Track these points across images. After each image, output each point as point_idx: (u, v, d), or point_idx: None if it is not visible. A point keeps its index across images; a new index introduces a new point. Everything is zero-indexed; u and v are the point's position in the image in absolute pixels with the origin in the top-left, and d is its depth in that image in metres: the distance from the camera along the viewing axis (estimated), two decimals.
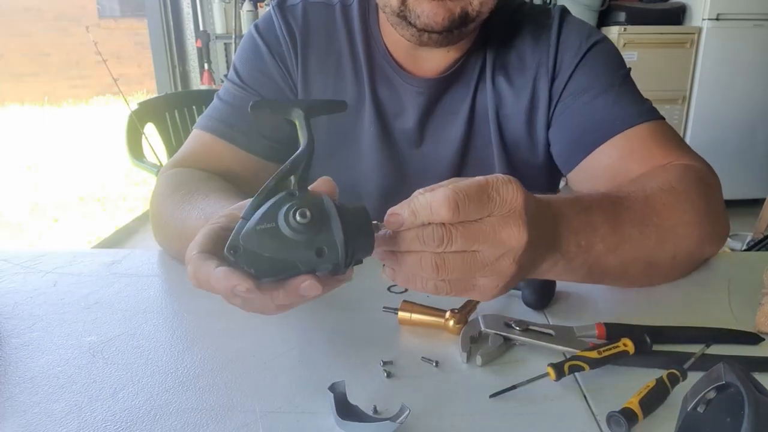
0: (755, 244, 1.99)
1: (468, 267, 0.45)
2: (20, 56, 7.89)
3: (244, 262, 0.42)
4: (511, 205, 0.45)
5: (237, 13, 3.41)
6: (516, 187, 0.45)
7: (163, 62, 3.58)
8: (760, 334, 0.56)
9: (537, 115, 0.83)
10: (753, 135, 3.34)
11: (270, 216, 0.42)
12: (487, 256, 0.45)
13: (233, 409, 0.46)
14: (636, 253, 0.59)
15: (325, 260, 0.42)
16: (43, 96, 7.60)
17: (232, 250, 0.42)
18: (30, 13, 7.97)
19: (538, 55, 0.82)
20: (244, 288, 0.41)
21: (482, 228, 0.45)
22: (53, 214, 3.83)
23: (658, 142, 0.75)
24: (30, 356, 0.54)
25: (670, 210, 0.62)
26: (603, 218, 0.56)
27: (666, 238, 0.61)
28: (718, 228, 0.68)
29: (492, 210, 0.45)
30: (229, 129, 0.82)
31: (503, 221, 0.45)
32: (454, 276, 0.46)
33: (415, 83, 0.82)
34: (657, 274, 0.65)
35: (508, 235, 0.45)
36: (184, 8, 3.58)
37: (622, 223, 0.58)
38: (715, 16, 3.11)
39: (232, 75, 0.86)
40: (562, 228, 0.52)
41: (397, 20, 0.74)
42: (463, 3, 0.72)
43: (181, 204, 0.69)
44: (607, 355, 0.49)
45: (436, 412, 0.46)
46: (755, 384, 0.36)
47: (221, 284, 0.42)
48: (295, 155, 0.45)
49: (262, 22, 0.86)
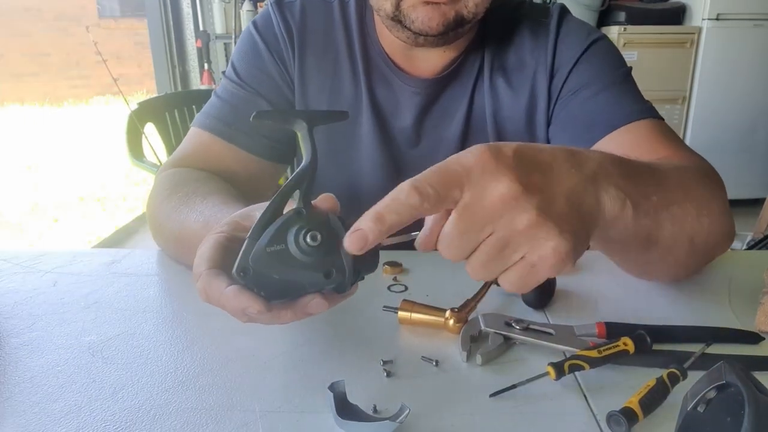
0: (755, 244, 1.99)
1: (495, 251, 0.41)
2: (20, 56, 7.89)
3: (254, 283, 0.43)
4: (478, 166, 0.40)
5: (237, 13, 3.41)
6: (477, 149, 0.41)
7: (163, 62, 3.58)
8: (761, 334, 0.56)
9: (536, 113, 0.82)
10: (753, 135, 3.34)
11: (279, 237, 0.42)
12: (500, 228, 0.40)
13: (233, 409, 0.46)
14: (683, 221, 0.54)
15: (333, 281, 0.43)
16: (43, 96, 7.60)
17: (242, 272, 0.42)
18: (30, 13, 7.97)
19: (536, 53, 0.81)
20: (255, 310, 0.42)
21: (466, 209, 0.40)
22: (53, 214, 3.83)
23: (661, 138, 0.74)
24: (30, 356, 0.54)
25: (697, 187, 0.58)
26: (648, 173, 0.52)
27: (702, 212, 0.57)
28: (729, 226, 0.65)
29: (462, 183, 0.40)
30: (227, 128, 0.82)
31: (480, 185, 0.40)
32: (494, 267, 0.41)
33: (411, 83, 0.82)
34: (694, 256, 0.60)
35: (492, 193, 0.40)
36: (184, 8, 3.58)
37: (667, 183, 0.53)
38: (715, 16, 3.11)
39: (230, 72, 0.86)
40: (605, 168, 0.46)
41: (392, 23, 0.74)
42: (458, 6, 0.71)
43: (178, 206, 0.69)
44: (608, 355, 0.49)
45: (436, 411, 0.46)
46: (755, 383, 0.36)
47: (232, 304, 0.43)
48: (300, 169, 0.44)
49: (261, 19, 0.86)
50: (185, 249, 0.69)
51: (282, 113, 0.49)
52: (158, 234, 0.75)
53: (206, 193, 0.70)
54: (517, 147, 0.42)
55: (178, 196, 0.71)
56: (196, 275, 0.46)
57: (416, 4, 0.71)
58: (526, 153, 0.42)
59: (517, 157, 0.41)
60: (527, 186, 0.40)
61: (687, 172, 0.60)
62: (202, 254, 0.46)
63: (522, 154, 0.42)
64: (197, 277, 0.46)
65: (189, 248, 0.68)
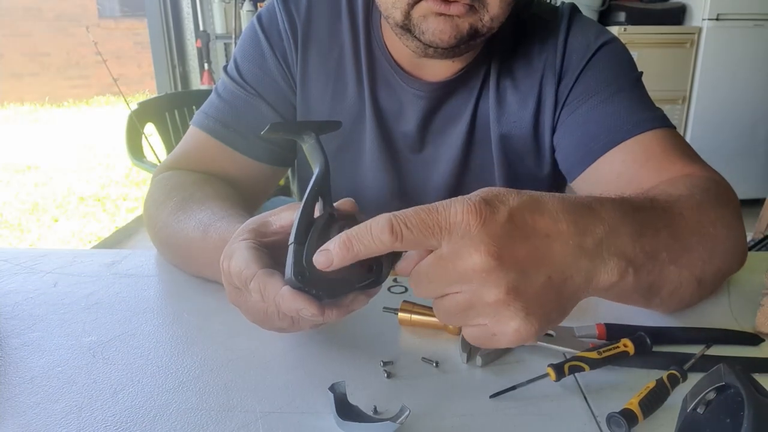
0: (755, 244, 1.99)
1: (459, 309, 0.41)
2: (20, 56, 7.89)
3: (311, 285, 0.43)
4: (463, 224, 0.38)
5: (237, 13, 3.41)
6: (471, 200, 0.39)
7: (163, 62, 3.58)
8: (761, 335, 0.56)
9: (543, 118, 0.79)
10: (753, 135, 3.34)
11: (324, 239, 0.43)
12: (468, 293, 0.40)
13: (233, 409, 0.46)
14: (692, 268, 0.53)
15: (374, 274, 0.45)
16: (43, 96, 7.60)
17: (300, 275, 0.43)
18: (30, 13, 7.96)
19: (545, 55, 0.78)
20: (311, 312, 0.43)
21: (440, 261, 0.39)
22: (53, 214, 3.83)
23: (674, 151, 0.70)
24: (30, 356, 0.54)
25: (711, 223, 0.55)
26: (662, 220, 0.49)
27: (715, 252, 0.55)
28: (741, 251, 0.63)
29: (442, 235, 0.39)
30: (226, 130, 0.80)
31: (457, 245, 0.39)
32: (455, 320, 0.42)
33: (415, 86, 0.79)
34: (702, 291, 0.58)
35: (466, 260, 0.38)
36: (184, 8, 3.58)
37: (680, 229, 0.51)
38: (715, 16, 3.11)
39: (231, 69, 0.83)
40: (616, 229, 0.44)
41: (402, 32, 0.70)
42: (473, 19, 0.67)
43: (175, 212, 0.68)
44: (607, 356, 0.49)
45: (436, 412, 0.46)
46: (755, 385, 0.36)
47: (288, 304, 0.43)
48: (318, 176, 0.46)
49: (265, 13, 0.83)
50: (184, 257, 0.69)
51: (292, 125, 0.52)
52: (155, 238, 0.74)
53: (203, 198, 0.69)
54: (516, 208, 0.40)
55: (174, 201, 0.70)
56: (245, 277, 0.46)
57: (428, 14, 0.66)
58: (522, 217, 0.40)
59: (510, 222, 0.39)
60: (505, 260, 0.38)
61: (703, 203, 0.56)
62: (246, 258, 0.46)
63: (517, 219, 0.40)
64: (247, 279, 0.46)
65: (188, 256, 0.68)
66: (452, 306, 0.41)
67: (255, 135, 0.80)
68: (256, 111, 0.81)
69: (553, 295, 0.41)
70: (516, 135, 0.80)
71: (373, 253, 0.40)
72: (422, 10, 0.66)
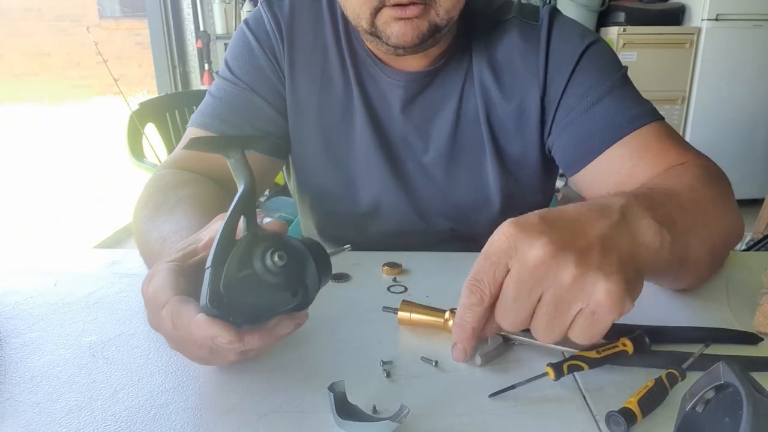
0: (755, 244, 1.99)
1: (552, 311, 0.44)
2: (20, 56, 7.89)
3: (229, 312, 0.42)
4: (510, 240, 0.44)
5: (237, 13, 3.42)
6: (502, 228, 0.45)
7: (164, 62, 3.58)
8: (759, 334, 0.56)
9: (526, 120, 0.81)
10: (753, 135, 3.34)
11: (245, 262, 0.42)
12: (548, 288, 0.44)
13: (233, 409, 0.46)
14: (705, 236, 0.58)
15: (298, 298, 0.44)
16: (43, 96, 7.60)
17: (216, 301, 0.41)
18: (30, 13, 7.97)
19: (527, 58, 0.80)
20: (227, 339, 0.42)
21: (511, 279, 0.45)
22: (53, 214, 3.83)
23: (667, 142, 0.74)
24: (30, 356, 0.54)
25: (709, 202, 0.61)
26: (665, 198, 0.55)
27: (718, 222, 0.61)
28: (740, 225, 0.67)
29: (504, 263, 0.45)
30: (222, 124, 0.81)
31: (518, 255, 0.44)
32: (558, 326, 0.45)
33: (394, 76, 0.81)
34: (714, 264, 0.65)
35: (531, 258, 0.43)
36: (185, 8, 3.58)
37: (683, 205, 0.56)
38: (714, 17, 3.11)
39: (223, 71, 0.86)
40: (631, 205, 0.50)
41: (370, 37, 0.75)
42: (429, 17, 0.71)
43: (148, 220, 0.67)
44: (606, 355, 0.49)
45: (436, 411, 0.46)
46: (754, 384, 0.36)
47: (202, 332, 0.42)
48: (242, 194, 0.44)
49: (252, 17, 0.86)
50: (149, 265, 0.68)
51: (218, 140, 0.49)
52: (135, 242, 0.72)
53: (174, 205, 0.67)
54: (540, 214, 0.46)
55: (149, 207, 0.69)
56: (159, 303, 0.45)
57: (389, 20, 0.71)
58: (550, 216, 0.46)
59: (543, 221, 0.45)
60: (561, 244, 0.44)
61: (697, 186, 0.62)
62: (162, 282, 0.45)
63: (547, 218, 0.46)
64: (160, 306, 0.45)
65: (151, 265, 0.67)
66: (546, 313, 0.44)
67: (251, 127, 0.82)
68: (250, 104, 0.83)
69: (616, 258, 0.45)
70: (502, 128, 0.83)
71: (480, 318, 0.47)
72: (384, 18, 0.72)
